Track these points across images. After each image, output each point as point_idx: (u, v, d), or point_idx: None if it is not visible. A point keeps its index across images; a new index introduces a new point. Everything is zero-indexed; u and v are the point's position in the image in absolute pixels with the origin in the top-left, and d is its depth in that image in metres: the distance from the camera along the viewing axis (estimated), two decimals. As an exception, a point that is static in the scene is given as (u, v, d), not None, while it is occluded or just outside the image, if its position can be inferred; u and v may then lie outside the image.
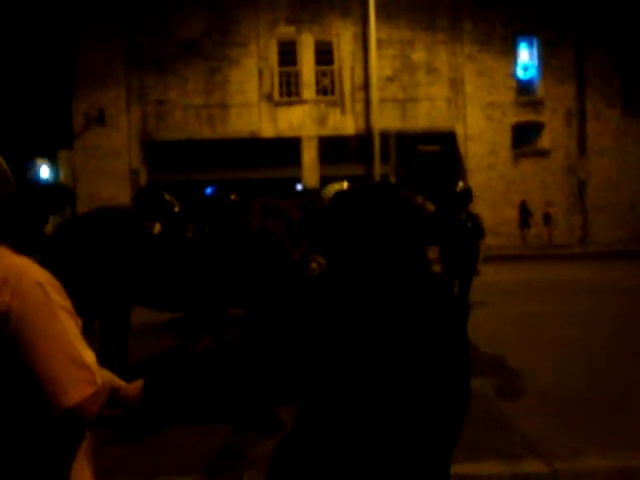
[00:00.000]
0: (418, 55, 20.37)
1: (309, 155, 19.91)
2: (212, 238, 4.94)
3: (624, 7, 20.67)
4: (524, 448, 4.69)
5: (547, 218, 20.19)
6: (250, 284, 4.87)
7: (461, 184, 7.56)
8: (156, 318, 7.72)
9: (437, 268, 7.44)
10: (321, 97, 20.16)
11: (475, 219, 7.47)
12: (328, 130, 20.00)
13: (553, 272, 15.13)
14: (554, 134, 21.09)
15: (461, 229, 7.29)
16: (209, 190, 19.19)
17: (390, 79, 20.14)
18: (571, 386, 5.99)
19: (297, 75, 20.06)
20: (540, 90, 21.21)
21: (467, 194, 7.37)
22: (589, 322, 8.87)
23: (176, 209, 5.22)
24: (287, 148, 19.57)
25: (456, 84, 20.55)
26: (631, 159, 21.14)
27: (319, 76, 20.21)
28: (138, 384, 1.74)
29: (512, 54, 20.99)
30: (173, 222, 5.11)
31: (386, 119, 19.32)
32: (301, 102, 19.99)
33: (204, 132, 19.76)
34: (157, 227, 5.02)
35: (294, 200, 5.19)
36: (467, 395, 1.85)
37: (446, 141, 20.05)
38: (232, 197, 5.28)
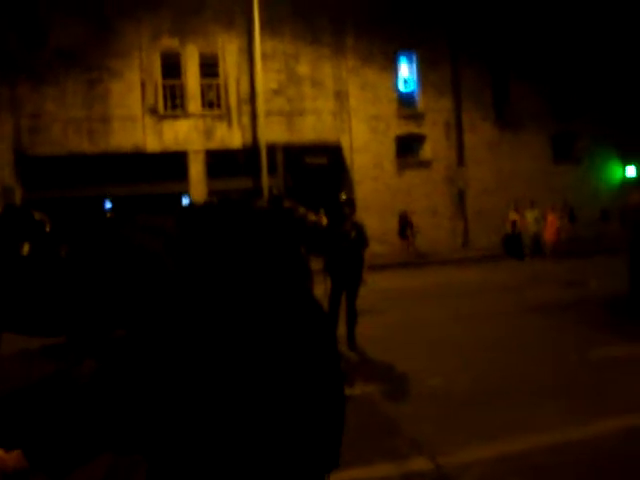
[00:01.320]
0: (303, 68, 20.66)
1: (196, 169, 19.58)
2: (88, 257, 4.70)
3: (495, 25, 22.07)
4: (411, 448, 4.83)
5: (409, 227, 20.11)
6: (130, 304, 4.67)
7: (344, 195, 7.72)
8: (30, 345, 7.25)
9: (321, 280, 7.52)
10: (207, 110, 19.91)
11: (359, 228, 7.64)
12: (215, 144, 19.78)
13: (437, 277, 15.79)
14: (435, 145, 22.09)
15: (345, 239, 7.42)
16: (107, 205, 18.40)
17: (276, 92, 20.26)
18: (456, 386, 6.24)
19: (182, 88, 19.70)
20: (420, 103, 22.15)
21: (350, 204, 7.55)
22: (472, 323, 9.31)
23: (47, 228, 4.92)
24: (173, 162, 19.13)
25: (341, 97, 21.03)
26: (505, 168, 22.53)
27: (204, 89, 19.97)
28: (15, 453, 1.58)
29: (393, 69, 21.79)
30: (44, 242, 4.81)
31: (273, 132, 19.42)
32: (186, 115, 19.64)
33: (85, 146, 18.88)
34: (26, 247, 4.70)
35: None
36: (339, 415, 1.77)
37: (332, 153, 20.43)
38: (108, 214, 5.07)
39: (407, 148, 21.88)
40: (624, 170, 24.11)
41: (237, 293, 1.68)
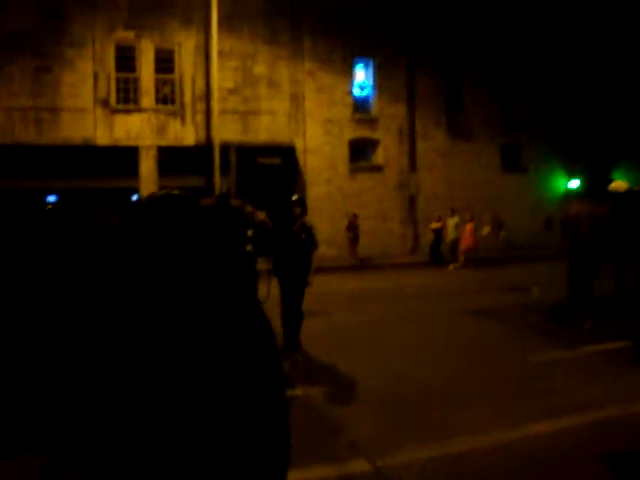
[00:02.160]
0: (260, 69, 20.60)
1: (147, 165, 19.27)
2: (20, 250, 4.58)
3: (451, 35, 22.51)
4: (350, 450, 4.87)
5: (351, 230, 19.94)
6: (66, 300, 4.58)
7: (295, 196, 7.74)
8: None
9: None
10: (161, 106, 19.63)
11: (309, 230, 7.66)
12: (168, 140, 19.52)
13: (385, 281, 15.98)
14: (387, 151, 22.36)
15: (295, 240, 7.45)
16: (51, 198, 17.84)
17: (232, 91, 20.14)
18: (398, 388, 6.33)
19: (136, 82, 19.37)
20: (375, 109, 22.39)
21: (300, 205, 7.57)
22: (416, 326, 9.47)
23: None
24: (124, 157, 18.78)
25: (296, 99, 21.06)
26: (455, 175, 22.98)
27: (159, 84, 19.68)
28: None
29: (349, 73, 21.96)
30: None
31: (227, 131, 19.29)
32: (139, 110, 19.31)
33: (31, 137, 18.33)
34: None
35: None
36: (281, 416, 1.72)
37: (286, 154, 20.45)
38: (48, 207, 4.95)
39: (360, 152, 22.08)
40: (568, 181, 24.93)
41: (178, 289, 1.65)
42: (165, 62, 19.65)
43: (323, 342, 8.17)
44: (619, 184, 9.59)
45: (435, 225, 20.01)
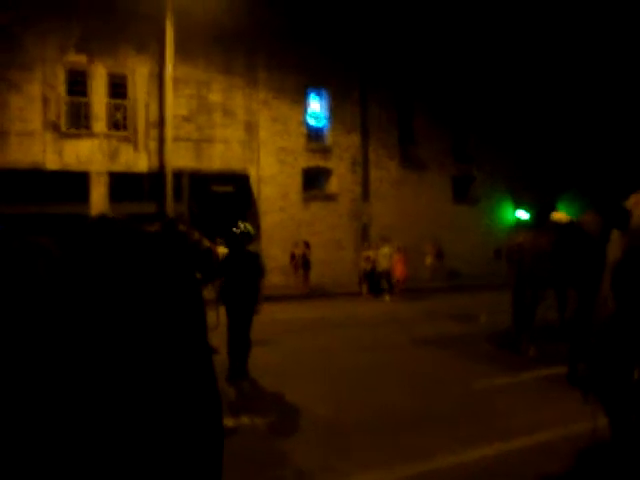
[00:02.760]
0: (214, 97, 20.67)
1: (98, 191, 18.97)
2: None
3: (404, 67, 23.12)
4: (298, 478, 4.84)
5: (293, 258, 19.97)
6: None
7: (242, 225, 7.73)
8: None
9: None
10: (113, 131, 19.44)
11: (255, 259, 7.68)
12: (119, 166, 19.29)
13: (336, 309, 16.03)
14: (341, 180, 22.63)
15: (241, 268, 7.44)
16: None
17: (186, 119, 20.12)
18: (346, 415, 6.34)
19: (87, 106, 19.16)
20: (329, 138, 22.69)
21: (247, 234, 7.59)
22: (365, 354, 9.51)
23: None
24: (74, 183, 18.44)
25: (251, 128, 21.17)
26: (408, 205, 23.39)
27: (111, 109, 19.52)
28: None
29: (303, 103, 22.25)
30: None
31: (180, 158, 19.23)
32: (91, 135, 19.07)
33: (-23, 160, 17.89)
34: None
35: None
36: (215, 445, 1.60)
37: (239, 182, 20.47)
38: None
39: (314, 181, 22.29)
40: (515, 212, 25.67)
41: (113, 314, 1.61)
42: (118, 87, 19.52)
43: (271, 371, 8.12)
44: (561, 216, 9.94)
45: (368, 253, 19.54)
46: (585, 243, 8.05)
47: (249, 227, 7.85)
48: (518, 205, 25.64)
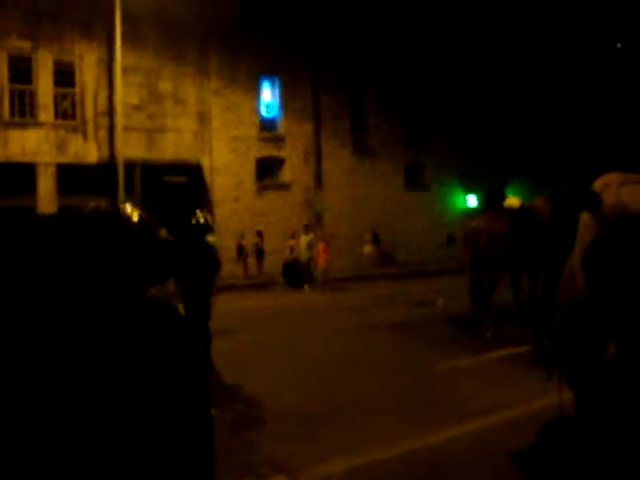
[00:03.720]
0: (165, 85, 20.29)
1: (46, 183, 18.40)
2: None
3: (355, 56, 23.21)
4: (268, 466, 4.89)
5: (241, 250, 19.91)
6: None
7: (200, 215, 7.65)
8: None
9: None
10: (60, 121, 18.86)
11: (211, 251, 7.64)
12: (68, 157, 18.74)
13: (290, 297, 16.12)
14: (294, 169, 22.63)
15: (196, 259, 7.40)
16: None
17: (136, 107, 19.69)
18: (310, 403, 6.41)
19: (32, 95, 18.52)
20: (282, 128, 22.62)
21: (205, 226, 7.53)
22: (325, 342, 9.61)
23: None
24: (20, 175, 17.82)
25: (203, 117, 20.91)
26: (360, 194, 23.58)
27: (58, 98, 18.92)
28: None
29: (256, 92, 22.09)
30: None
31: (131, 148, 18.82)
32: (37, 125, 18.45)
33: None
34: None
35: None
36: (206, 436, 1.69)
37: (193, 173, 20.21)
38: None
39: (267, 171, 22.21)
40: (466, 199, 26.23)
41: (67, 303, 1.59)
42: (65, 75, 18.90)
43: (232, 361, 8.10)
44: (513, 201, 10.28)
45: (291, 242, 19.14)
46: (538, 227, 8.35)
47: (208, 218, 7.78)
48: (468, 191, 26.20)
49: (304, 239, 18.38)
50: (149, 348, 1.58)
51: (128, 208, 2.30)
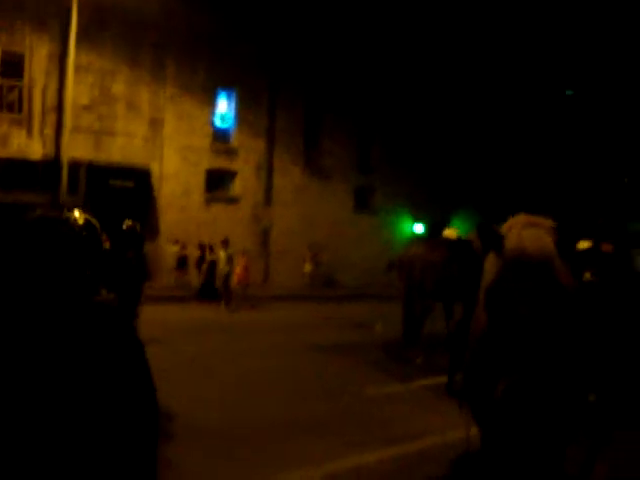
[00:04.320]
0: (118, 88, 19.98)
1: (-16, 177, 17.79)
2: None
3: (312, 75, 23.39)
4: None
5: (182, 261, 19.62)
6: None
7: (129, 222, 7.52)
8: None
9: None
10: (5, 113, 18.31)
11: (141, 259, 7.51)
12: (10, 152, 18.16)
13: (231, 313, 15.93)
14: (245, 183, 22.55)
15: (126, 268, 7.26)
16: None
17: (86, 107, 19.31)
18: (232, 422, 6.32)
19: (-24, 85, 17.95)
20: (235, 140, 22.56)
21: (134, 233, 7.41)
22: (258, 360, 9.52)
23: None
24: (-43, 167, 17.21)
25: (155, 123, 20.65)
26: (310, 212, 23.64)
27: (4, 90, 18.37)
28: None
29: (211, 103, 21.99)
30: None
31: (78, 148, 18.37)
32: (-21, 116, 17.89)
33: None
34: None
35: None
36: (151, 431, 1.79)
37: (140, 178, 19.89)
38: None
39: (217, 182, 22.07)
40: (414, 226, 26.62)
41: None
42: (13, 66, 18.35)
43: (159, 373, 7.93)
44: (450, 232, 10.47)
45: (211, 256, 18.51)
46: (471, 259, 8.51)
47: (137, 226, 7.64)
48: (416, 219, 26.60)
49: (223, 254, 17.58)
50: (96, 348, 1.68)
51: (76, 213, 2.37)
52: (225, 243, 17.72)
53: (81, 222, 2.20)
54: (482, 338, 3.32)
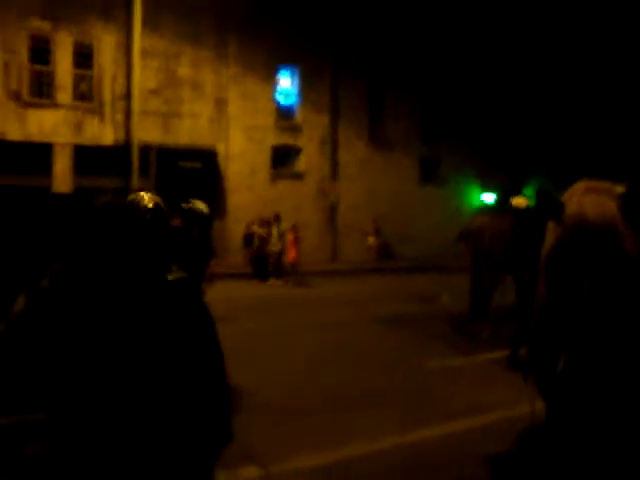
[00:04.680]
0: (183, 70, 20.33)
1: (62, 164, 18.57)
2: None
3: (376, 48, 23.03)
4: (241, 457, 4.90)
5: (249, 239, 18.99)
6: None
7: (191, 202, 7.61)
8: None
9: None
10: (78, 102, 19.01)
11: (207, 237, 7.62)
12: (85, 139, 18.89)
13: (301, 288, 16.08)
14: (309, 159, 22.57)
15: (190, 246, 7.40)
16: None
17: (153, 92, 19.78)
18: (294, 395, 6.42)
19: (51, 76, 18.67)
20: (298, 117, 22.56)
21: (193, 212, 7.51)
22: (322, 333, 9.59)
23: None
24: (37, 154, 18.02)
25: (220, 104, 20.92)
26: (375, 185, 23.47)
27: (77, 80, 19.05)
28: None
29: (274, 80, 22.04)
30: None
31: (147, 132, 18.93)
32: (55, 105, 18.62)
33: None
34: None
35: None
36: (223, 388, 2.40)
37: (207, 159, 20.25)
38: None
39: (282, 159, 22.18)
40: (483, 196, 25.95)
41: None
42: (84, 57, 19.01)
43: (226, 348, 8.13)
44: (519, 201, 10.10)
45: (259, 230, 18.05)
46: (541, 229, 8.22)
47: (201, 206, 7.69)
48: (485, 188, 25.92)
49: (275, 230, 17.53)
50: (170, 314, 2.19)
51: (146, 198, 2.64)
52: (277, 218, 17.58)
53: (150, 206, 2.43)
54: (544, 309, 3.21)
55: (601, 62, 24.70)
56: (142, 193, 2.53)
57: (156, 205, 2.40)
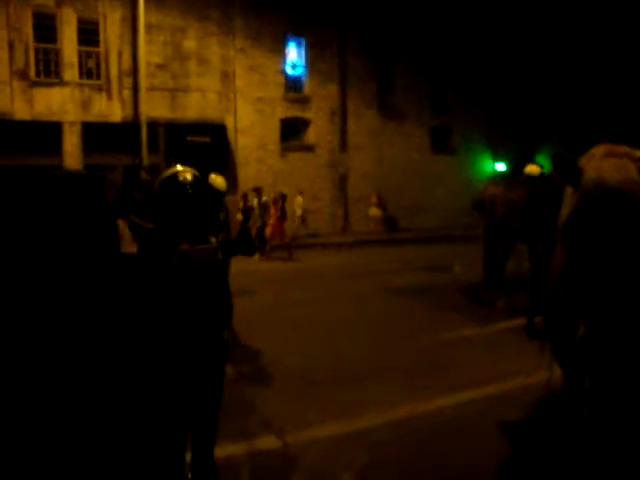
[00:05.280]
0: (189, 44, 20.12)
1: (71, 142, 18.58)
2: None
3: (384, 17, 22.62)
4: (261, 427, 4.95)
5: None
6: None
7: (218, 180, 7.55)
8: None
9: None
10: (85, 80, 18.90)
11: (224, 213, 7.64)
12: (93, 116, 18.84)
13: (313, 260, 16.10)
14: (319, 130, 22.39)
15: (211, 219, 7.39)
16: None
17: (160, 66, 19.62)
18: (313, 366, 6.46)
19: (57, 53, 18.56)
20: (307, 88, 22.33)
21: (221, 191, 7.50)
22: (338, 305, 9.63)
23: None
24: (46, 133, 18.01)
25: (227, 77, 20.73)
26: (385, 155, 23.30)
27: (83, 57, 18.93)
28: None
29: (282, 52, 21.77)
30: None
31: (155, 108, 18.84)
32: (62, 84, 18.53)
33: (-60, 110, 17.36)
34: None
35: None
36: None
37: (216, 133, 20.15)
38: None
39: (291, 131, 22.02)
40: (494, 164, 25.69)
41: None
42: (89, 33, 18.86)
43: (244, 321, 8.18)
44: (533, 168, 9.95)
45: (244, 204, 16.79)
46: (555, 197, 8.10)
47: (219, 181, 7.68)
48: (497, 157, 25.65)
49: (255, 203, 16.88)
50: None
51: (180, 169, 2.80)
52: (258, 191, 16.99)
53: (190, 179, 2.63)
54: (561, 276, 3.17)
55: (613, 26, 24.14)
56: (179, 166, 2.79)
57: (195, 178, 2.63)
